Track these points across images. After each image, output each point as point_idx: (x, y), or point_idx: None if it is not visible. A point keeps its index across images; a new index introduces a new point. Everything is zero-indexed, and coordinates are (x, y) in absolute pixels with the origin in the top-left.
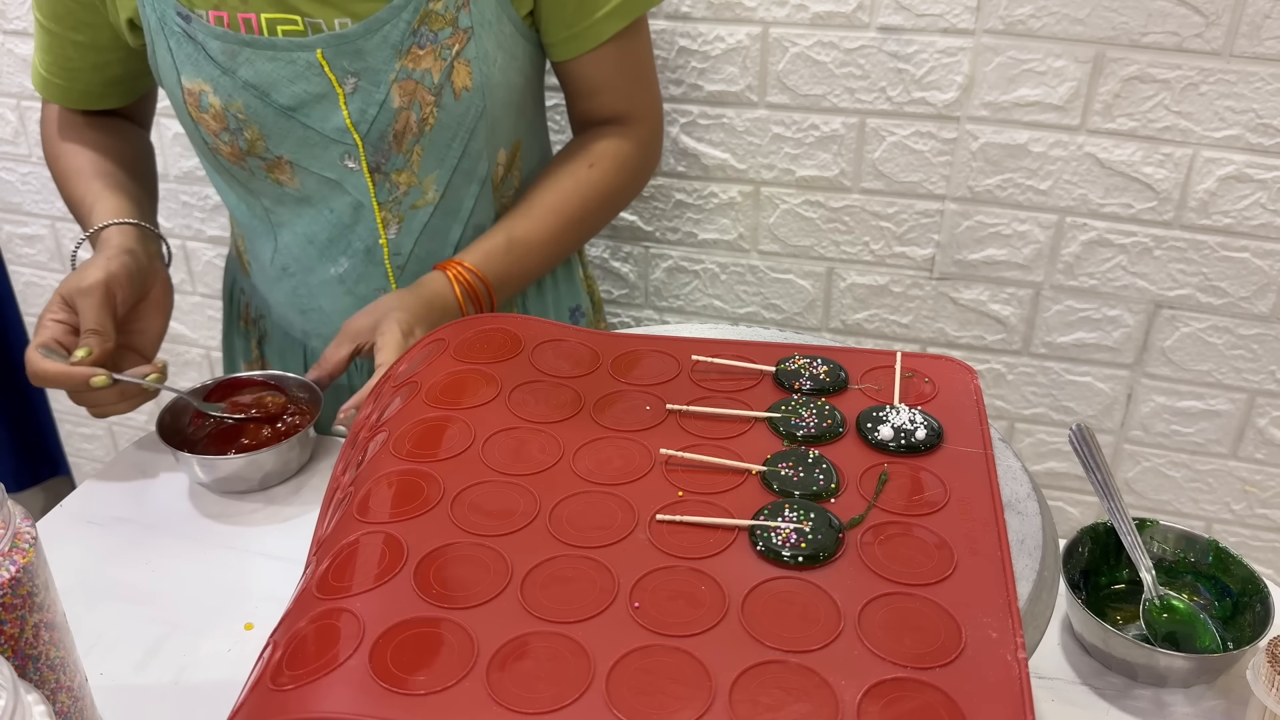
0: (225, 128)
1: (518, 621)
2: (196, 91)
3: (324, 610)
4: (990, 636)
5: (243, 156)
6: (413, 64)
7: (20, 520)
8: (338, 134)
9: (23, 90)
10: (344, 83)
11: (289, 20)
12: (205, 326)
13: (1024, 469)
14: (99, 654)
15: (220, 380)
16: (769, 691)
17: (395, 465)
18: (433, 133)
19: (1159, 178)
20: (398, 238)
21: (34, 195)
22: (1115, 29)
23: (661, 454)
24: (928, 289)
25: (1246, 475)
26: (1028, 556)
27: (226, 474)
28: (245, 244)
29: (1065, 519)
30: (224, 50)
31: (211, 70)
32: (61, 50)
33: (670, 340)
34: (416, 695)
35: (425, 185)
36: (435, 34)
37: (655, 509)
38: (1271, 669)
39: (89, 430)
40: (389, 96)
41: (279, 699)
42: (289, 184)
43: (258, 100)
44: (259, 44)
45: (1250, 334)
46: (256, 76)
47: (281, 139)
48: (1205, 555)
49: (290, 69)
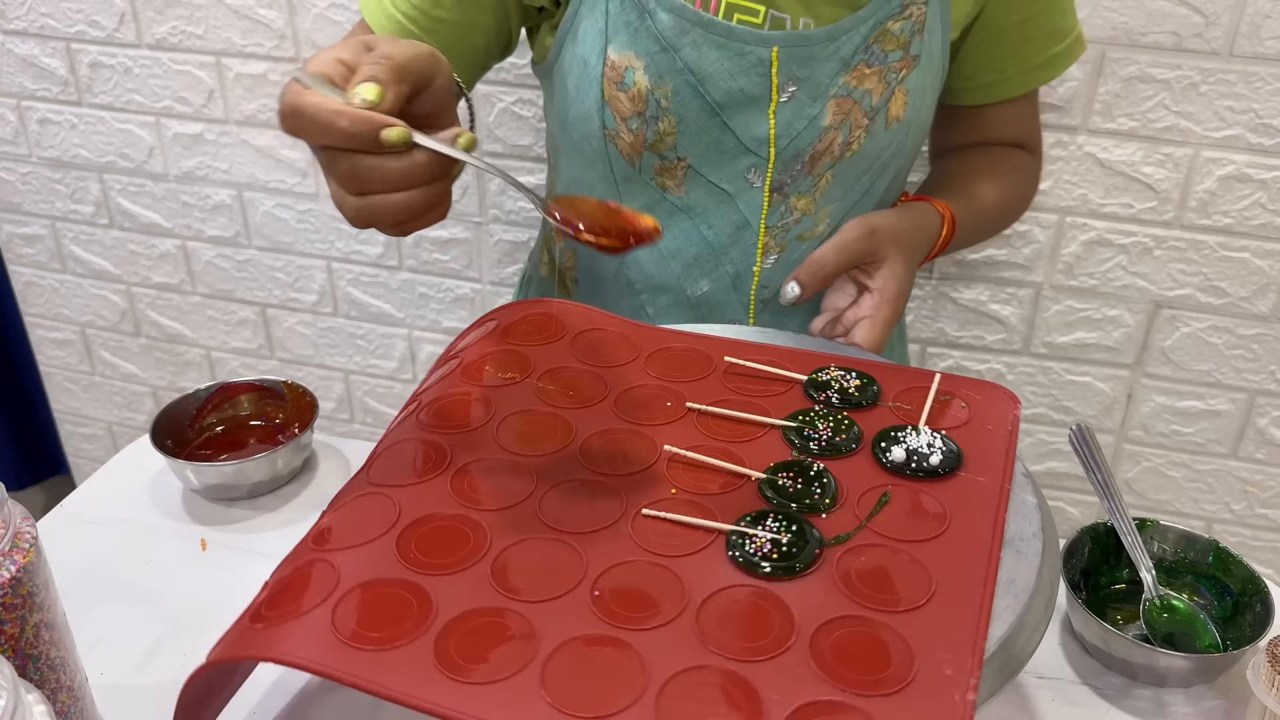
0: (640, 113)
1: (480, 594)
2: (623, 66)
3: (309, 560)
4: (944, 674)
5: (641, 150)
6: (856, 81)
7: (20, 520)
8: (754, 144)
9: (23, 90)
10: (783, 89)
11: (751, 9)
12: (205, 326)
13: (1039, 507)
14: (99, 654)
15: (220, 385)
16: (699, 694)
17: (413, 434)
18: (851, 160)
19: (1159, 178)
20: (773, 268)
21: (34, 195)
22: (1115, 29)
23: (666, 450)
24: (928, 289)
25: (1246, 475)
26: (1013, 599)
27: (216, 481)
28: (578, 259)
29: (1065, 519)
30: (673, 25)
31: (650, 45)
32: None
33: (711, 340)
34: (366, 650)
35: (820, 217)
36: (885, 55)
37: (645, 503)
38: (1271, 669)
39: (89, 430)
40: (822, 113)
41: (249, 636)
42: (674, 191)
43: (690, 89)
44: (715, 27)
45: (1250, 334)
46: (700, 62)
47: (695, 138)
48: (1205, 555)
49: (738, 63)
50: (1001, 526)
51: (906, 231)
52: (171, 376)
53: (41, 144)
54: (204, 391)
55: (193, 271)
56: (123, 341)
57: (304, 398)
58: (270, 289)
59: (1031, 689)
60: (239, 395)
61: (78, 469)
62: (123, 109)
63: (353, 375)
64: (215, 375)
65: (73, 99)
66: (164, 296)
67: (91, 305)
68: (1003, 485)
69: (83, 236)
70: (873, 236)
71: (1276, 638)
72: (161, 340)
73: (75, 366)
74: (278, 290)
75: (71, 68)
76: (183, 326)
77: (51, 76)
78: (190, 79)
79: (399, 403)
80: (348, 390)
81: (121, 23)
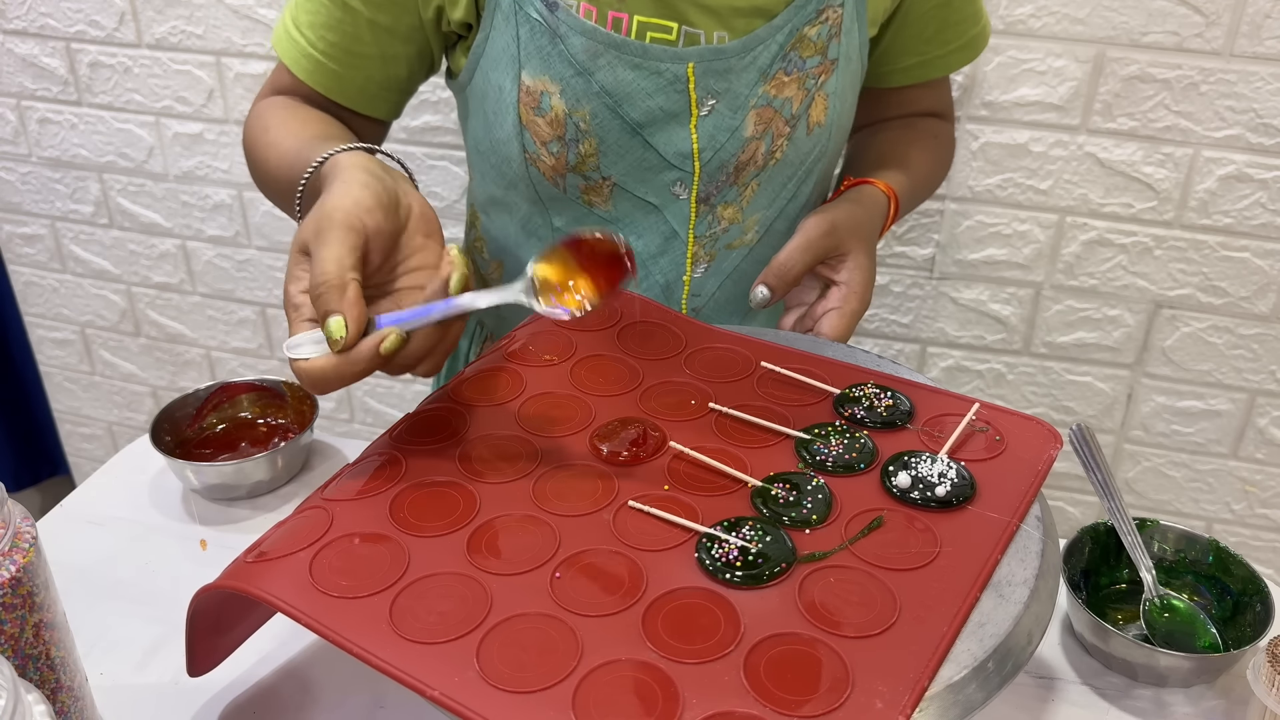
0: (559, 137)
1: (449, 559)
2: (538, 91)
3: (314, 507)
4: (874, 706)
5: (564, 172)
6: (775, 90)
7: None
8: (678, 159)
9: (22, 90)
10: (702, 104)
11: (663, 27)
12: (205, 326)
13: (1042, 554)
14: (99, 654)
15: (220, 384)
16: (620, 685)
17: (442, 403)
18: (775, 168)
19: (1159, 177)
20: (703, 277)
21: (34, 195)
22: (1115, 29)
23: (672, 447)
24: (928, 289)
25: (1247, 475)
26: (977, 644)
27: (216, 481)
28: (505, 272)
29: (1065, 519)
30: (586, 49)
31: (564, 70)
32: (354, 30)
33: (756, 343)
34: (331, 597)
35: (747, 225)
36: (804, 61)
37: (635, 495)
38: (1272, 669)
39: (89, 430)
40: (743, 124)
41: (241, 570)
42: (601, 206)
43: (608, 111)
44: (628, 48)
45: (1250, 334)
46: (616, 83)
47: (618, 158)
48: (1205, 555)
49: (654, 81)
50: (992, 567)
51: (863, 221)
52: (171, 376)
53: (41, 144)
54: (204, 391)
55: (192, 271)
56: (122, 341)
57: (304, 398)
58: (270, 289)
59: (1031, 689)
60: (239, 395)
61: (78, 469)
62: (123, 109)
63: None
64: (215, 375)
65: (72, 99)
66: (164, 296)
67: (91, 305)
68: (1010, 524)
69: (82, 236)
70: (834, 233)
71: (1276, 638)
72: (161, 340)
73: (75, 366)
74: (278, 290)
75: (71, 67)
76: (182, 326)
77: (51, 76)
78: (190, 79)
79: (399, 402)
80: (348, 390)
81: (121, 22)
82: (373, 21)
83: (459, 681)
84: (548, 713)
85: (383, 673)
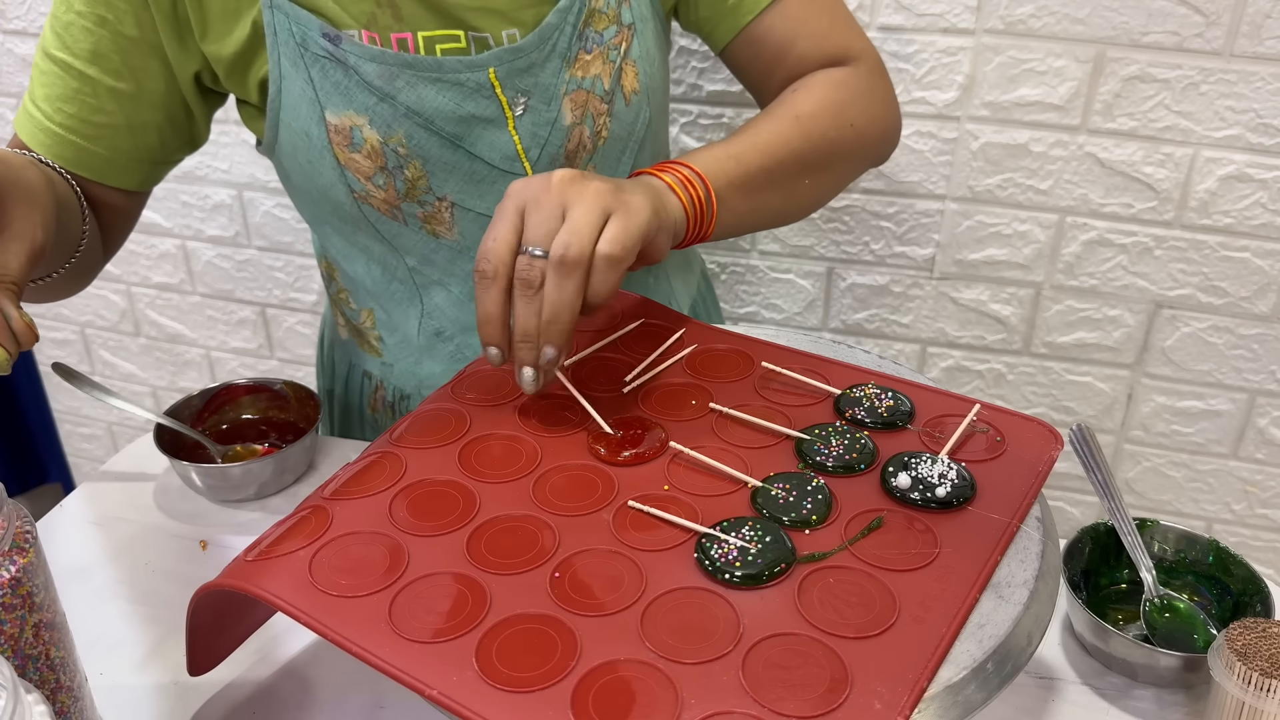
0: (382, 167)
1: (448, 559)
2: (347, 128)
3: (312, 504)
4: (872, 707)
5: (398, 203)
6: (581, 71)
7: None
8: (506, 163)
9: (21, 89)
10: (514, 104)
11: (450, 37)
12: (205, 326)
13: (1042, 555)
14: (99, 654)
15: (222, 386)
16: (621, 685)
17: (444, 403)
18: (605, 147)
19: (1159, 177)
20: None
21: None
22: (1115, 29)
23: (672, 447)
24: (928, 289)
25: (1247, 475)
26: (976, 645)
27: (219, 481)
28: (376, 319)
29: (1065, 519)
30: (381, 74)
31: (366, 99)
32: (92, 99)
33: (757, 344)
34: (330, 595)
35: None
36: (600, 34)
37: (635, 494)
38: (1231, 653)
39: (89, 430)
40: (560, 113)
41: (241, 569)
42: (446, 234)
43: (421, 130)
44: (421, 65)
45: (1251, 334)
46: (420, 102)
47: (447, 175)
48: (1206, 555)
49: (459, 92)
50: (992, 567)
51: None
52: (171, 376)
53: None
54: (205, 392)
55: (192, 271)
56: (123, 341)
57: (308, 398)
58: (270, 289)
59: (1031, 689)
60: (240, 396)
61: (78, 469)
62: None
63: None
64: (215, 375)
65: None
66: (164, 296)
67: (91, 305)
68: (1010, 525)
69: None
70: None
71: (1235, 624)
72: (161, 340)
73: (75, 366)
74: (278, 290)
75: None
76: (182, 326)
77: None
78: None
79: None
80: None
81: None
82: (114, 90)
83: (458, 681)
84: (546, 712)
85: (382, 672)
